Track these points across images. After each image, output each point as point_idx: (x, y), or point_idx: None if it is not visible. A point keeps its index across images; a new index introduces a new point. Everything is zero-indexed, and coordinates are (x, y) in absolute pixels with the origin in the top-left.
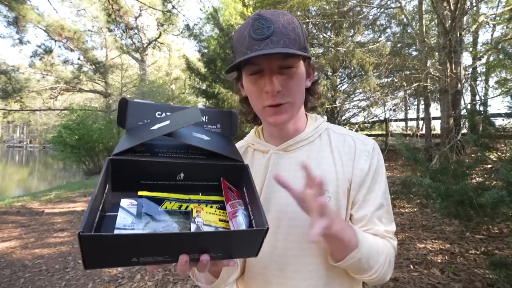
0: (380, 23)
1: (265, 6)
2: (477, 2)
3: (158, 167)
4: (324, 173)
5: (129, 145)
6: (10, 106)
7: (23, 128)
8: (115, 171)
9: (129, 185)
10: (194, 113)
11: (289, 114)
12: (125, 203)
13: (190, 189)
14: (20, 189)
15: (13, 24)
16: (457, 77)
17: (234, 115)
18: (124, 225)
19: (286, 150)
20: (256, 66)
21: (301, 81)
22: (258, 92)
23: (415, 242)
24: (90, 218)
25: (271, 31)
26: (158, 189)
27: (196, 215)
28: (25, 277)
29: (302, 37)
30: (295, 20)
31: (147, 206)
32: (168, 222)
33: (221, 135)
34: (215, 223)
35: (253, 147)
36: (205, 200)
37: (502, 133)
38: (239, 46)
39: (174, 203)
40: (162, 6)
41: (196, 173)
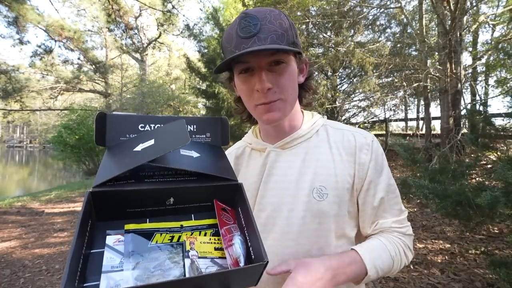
0: (380, 23)
1: (265, 6)
2: (477, 2)
3: (144, 195)
4: (322, 170)
5: (110, 174)
6: (10, 106)
7: (23, 128)
8: (99, 202)
9: (115, 214)
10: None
11: (281, 111)
12: (111, 240)
13: (181, 213)
14: (20, 189)
15: (13, 24)
16: (457, 77)
17: (224, 121)
18: (112, 267)
19: (283, 147)
20: (245, 64)
21: (292, 77)
22: (249, 91)
23: (415, 242)
24: (72, 266)
25: (258, 28)
26: (147, 215)
27: (190, 247)
28: (25, 277)
29: (290, 32)
30: (282, 16)
31: (136, 242)
32: (160, 260)
33: (212, 147)
34: (210, 254)
35: (250, 147)
36: (198, 227)
37: (502, 133)
38: (228, 46)
39: (165, 235)
40: (162, 6)
41: (186, 196)
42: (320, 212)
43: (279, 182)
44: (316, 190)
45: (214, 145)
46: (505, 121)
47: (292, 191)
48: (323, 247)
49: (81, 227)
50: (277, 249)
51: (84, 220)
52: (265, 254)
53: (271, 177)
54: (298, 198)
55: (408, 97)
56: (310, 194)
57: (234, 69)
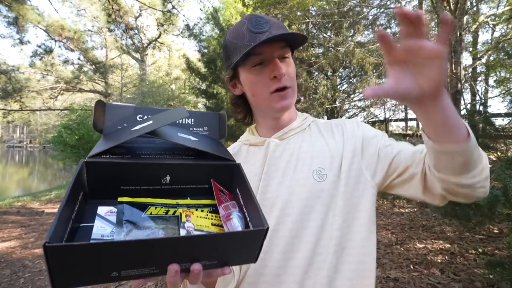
0: (380, 23)
1: (265, 6)
2: (477, 2)
3: (140, 170)
4: (318, 154)
5: (107, 146)
6: (10, 106)
7: (23, 128)
8: (92, 176)
9: (108, 192)
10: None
11: (292, 98)
12: (102, 211)
13: (177, 194)
14: (20, 189)
15: (13, 24)
16: (457, 77)
17: (222, 116)
18: (102, 235)
19: (281, 138)
20: (259, 56)
21: (294, 70)
22: (263, 80)
23: (415, 242)
24: (59, 227)
25: (269, 26)
26: (141, 194)
27: (186, 219)
28: (25, 277)
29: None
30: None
31: (129, 212)
32: (154, 229)
33: (209, 137)
34: (207, 228)
35: (247, 143)
36: (195, 204)
37: (502, 133)
38: (238, 42)
39: (160, 208)
40: (162, 6)
41: (183, 175)
42: (321, 192)
43: (280, 170)
44: (316, 171)
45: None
46: (505, 121)
47: (292, 175)
48: (325, 226)
49: (70, 195)
50: (281, 233)
51: (74, 190)
52: (266, 221)
53: (272, 167)
54: (298, 181)
55: None
56: (311, 176)
57: (244, 65)
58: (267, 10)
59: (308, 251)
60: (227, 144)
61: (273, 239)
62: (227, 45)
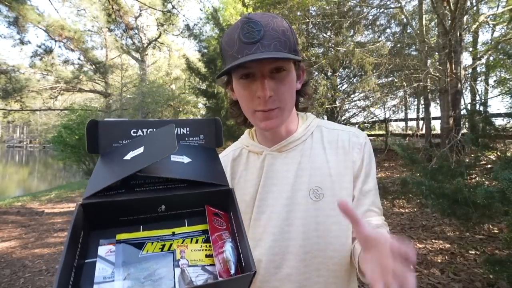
0: (380, 23)
1: (265, 6)
2: (477, 2)
3: (136, 204)
4: (317, 171)
5: (100, 185)
6: (10, 106)
7: (23, 128)
8: (91, 213)
9: (108, 223)
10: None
11: (279, 119)
12: (103, 251)
13: (174, 219)
14: (20, 189)
15: (13, 24)
16: (457, 77)
17: (218, 123)
18: (104, 278)
19: (279, 150)
20: (247, 70)
21: (291, 85)
22: (249, 97)
23: (415, 242)
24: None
25: (261, 34)
26: (139, 222)
27: (180, 256)
28: (25, 277)
29: (292, 39)
30: (284, 23)
31: (127, 253)
32: (151, 270)
33: (205, 149)
34: (201, 262)
35: (247, 149)
36: (190, 233)
37: (502, 133)
38: (229, 50)
39: (156, 244)
40: (162, 6)
41: (177, 203)
42: (318, 212)
43: (277, 185)
44: (313, 191)
45: (208, 147)
46: (505, 121)
47: (290, 193)
48: (323, 247)
49: (71, 239)
50: (278, 249)
51: (74, 233)
52: (253, 263)
53: (268, 180)
54: (296, 199)
55: (408, 97)
56: (307, 195)
57: (234, 74)
58: (267, 10)
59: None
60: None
61: (269, 255)
62: (221, 48)
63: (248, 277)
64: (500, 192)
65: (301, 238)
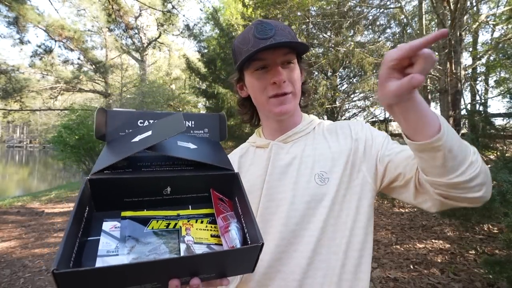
0: (380, 23)
1: (265, 6)
2: (477, 2)
3: (141, 184)
4: (320, 157)
5: (108, 162)
6: (10, 106)
7: (23, 128)
8: (96, 190)
9: (112, 204)
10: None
11: (292, 104)
12: (107, 226)
13: (178, 203)
14: (20, 189)
15: (13, 24)
16: (457, 77)
17: (222, 118)
18: (107, 251)
19: (285, 141)
20: (261, 62)
21: (299, 76)
22: (263, 85)
23: (415, 242)
24: (66, 250)
25: (273, 32)
26: (144, 205)
27: (186, 233)
28: (25, 277)
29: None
30: (288, 27)
31: (132, 228)
32: (156, 244)
33: (209, 140)
34: (206, 240)
35: (254, 145)
36: (195, 215)
37: (501, 133)
38: (244, 47)
39: (162, 222)
40: (162, 6)
41: (183, 186)
42: (323, 195)
43: (283, 172)
44: (318, 175)
45: (212, 140)
46: (505, 121)
47: (295, 178)
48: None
49: (77, 213)
50: (283, 233)
51: (80, 207)
52: (261, 236)
53: (275, 169)
54: (301, 184)
55: None
56: (312, 180)
57: (248, 68)
58: (267, 10)
59: (308, 252)
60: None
61: (278, 239)
62: (234, 49)
63: (255, 248)
64: (499, 193)
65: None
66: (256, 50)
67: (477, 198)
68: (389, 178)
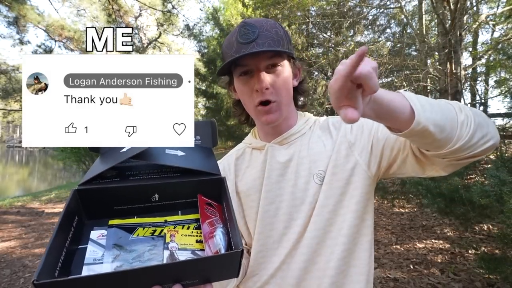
0: (380, 23)
1: (265, 6)
2: (477, 2)
3: (129, 192)
4: (316, 156)
5: (96, 172)
6: (10, 106)
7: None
8: (86, 200)
9: (102, 212)
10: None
11: (278, 113)
12: (95, 235)
13: (168, 209)
14: (20, 189)
15: (13, 24)
16: (457, 77)
17: (213, 124)
18: (94, 259)
19: (280, 143)
20: (244, 67)
21: (287, 80)
22: (249, 92)
23: (415, 242)
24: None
25: (256, 35)
26: (134, 212)
27: (170, 239)
28: (25, 277)
29: (285, 39)
30: (277, 25)
31: (117, 236)
32: (139, 252)
33: (200, 147)
34: (191, 246)
35: (250, 147)
36: (182, 221)
37: (501, 133)
38: (228, 52)
39: (148, 229)
40: (162, 6)
41: (170, 192)
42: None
43: (281, 175)
44: (316, 175)
45: (203, 146)
46: (505, 121)
47: (294, 180)
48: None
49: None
50: (287, 235)
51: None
52: (241, 243)
53: (273, 171)
54: (300, 186)
55: None
56: (312, 180)
57: (234, 73)
58: (267, 10)
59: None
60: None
61: (283, 242)
62: (222, 52)
63: (235, 255)
64: (497, 192)
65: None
66: (236, 57)
67: (486, 149)
68: (388, 161)
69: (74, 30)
